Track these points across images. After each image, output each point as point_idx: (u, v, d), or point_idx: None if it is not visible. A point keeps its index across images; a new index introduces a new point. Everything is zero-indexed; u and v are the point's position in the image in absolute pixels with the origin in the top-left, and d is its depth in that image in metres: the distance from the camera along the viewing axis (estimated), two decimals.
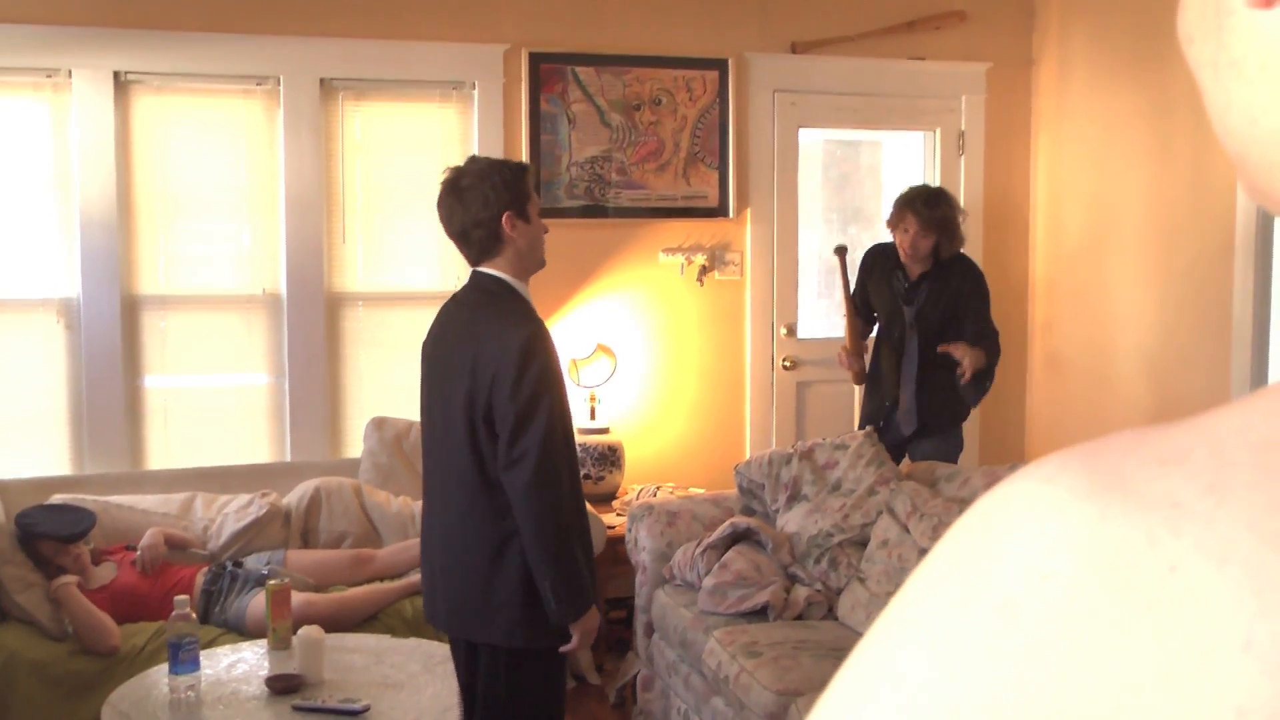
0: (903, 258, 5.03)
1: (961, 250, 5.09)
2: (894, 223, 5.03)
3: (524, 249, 3.24)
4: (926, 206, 4.93)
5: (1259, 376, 4.86)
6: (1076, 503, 0.46)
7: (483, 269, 3.26)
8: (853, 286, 5.25)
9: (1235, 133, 0.56)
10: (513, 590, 3.14)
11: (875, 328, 5.29)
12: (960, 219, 5.04)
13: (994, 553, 0.48)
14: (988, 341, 4.94)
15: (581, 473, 5.41)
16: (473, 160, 3.29)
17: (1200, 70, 0.57)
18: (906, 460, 5.03)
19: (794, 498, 4.67)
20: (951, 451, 5.13)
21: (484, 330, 3.16)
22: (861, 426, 5.21)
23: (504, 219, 3.17)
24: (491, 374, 3.08)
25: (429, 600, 3.42)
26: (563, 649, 3.17)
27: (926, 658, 0.48)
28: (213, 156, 5.38)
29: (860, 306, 5.24)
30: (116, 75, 5.18)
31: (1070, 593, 0.45)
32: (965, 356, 4.81)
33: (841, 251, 5.20)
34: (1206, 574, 0.43)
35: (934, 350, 4.96)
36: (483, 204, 3.16)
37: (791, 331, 6.04)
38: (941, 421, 5.11)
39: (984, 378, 4.93)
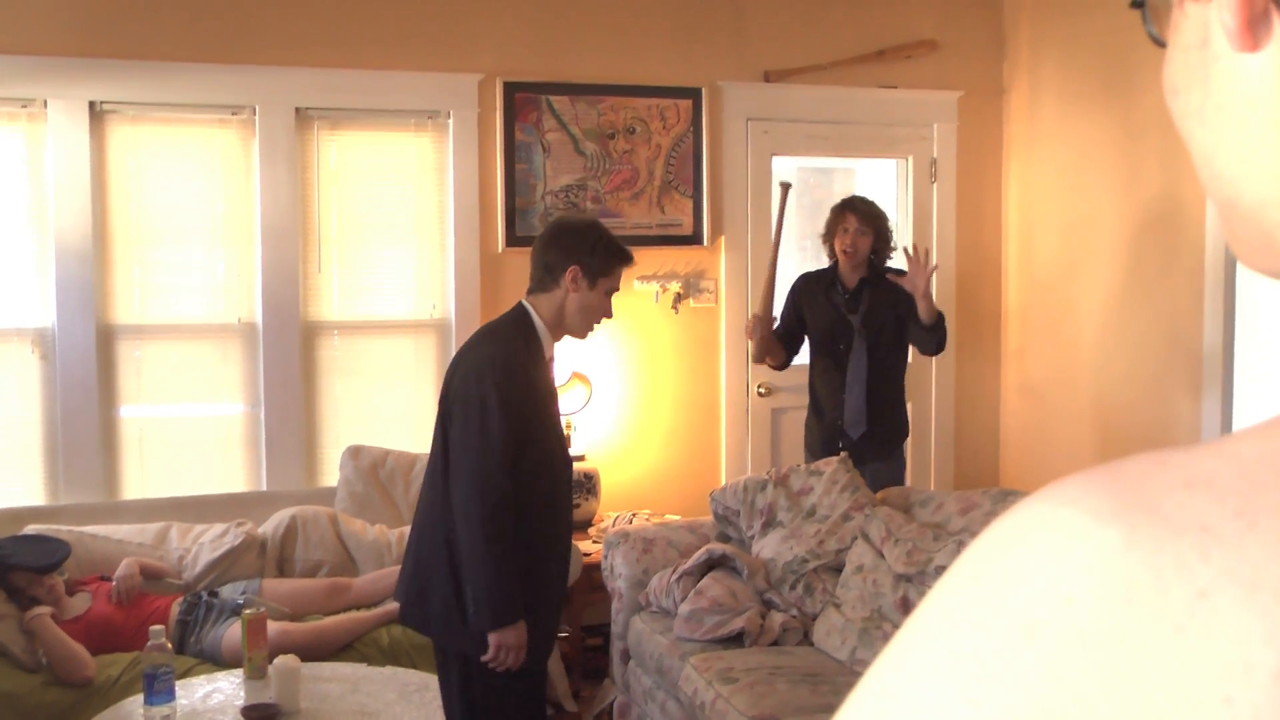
0: (842, 261, 5.08)
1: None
2: (832, 225, 5.11)
3: (569, 307, 3.37)
4: (864, 204, 5.08)
5: (1228, 401, 4.91)
6: (1101, 525, 0.46)
7: (525, 301, 3.40)
8: (781, 275, 5.23)
9: (1225, 177, 0.56)
10: (442, 583, 3.26)
11: (791, 358, 5.29)
12: (892, 227, 5.17)
13: (1016, 575, 0.47)
14: (938, 320, 4.93)
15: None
16: (593, 218, 3.51)
17: (1186, 120, 0.57)
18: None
19: (769, 524, 4.69)
20: (897, 472, 5.14)
21: (469, 349, 3.35)
22: (810, 459, 5.19)
23: (570, 270, 3.32)
24: (459, 384, 3.26)
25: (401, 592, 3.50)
26: (483, 658, 3.21)
27: (945, 681, 0.47)
28: (188, 186, 5.38)
29: (785, 336, 5.22)
30: (92, 105, 5.18)
31: (1095, 617, 0.44)
32: (924, 270, 4.83)
33: (786, 187, 5.26)
34: (1237, 600, 0.42)
35: (881, 354, 5.05)
36: (564, 250, 3.33)
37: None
38: (886, 434, 5.11)
39: (929, 331, 4.88)
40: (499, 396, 3.18)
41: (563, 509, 3.44)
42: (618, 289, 3.46)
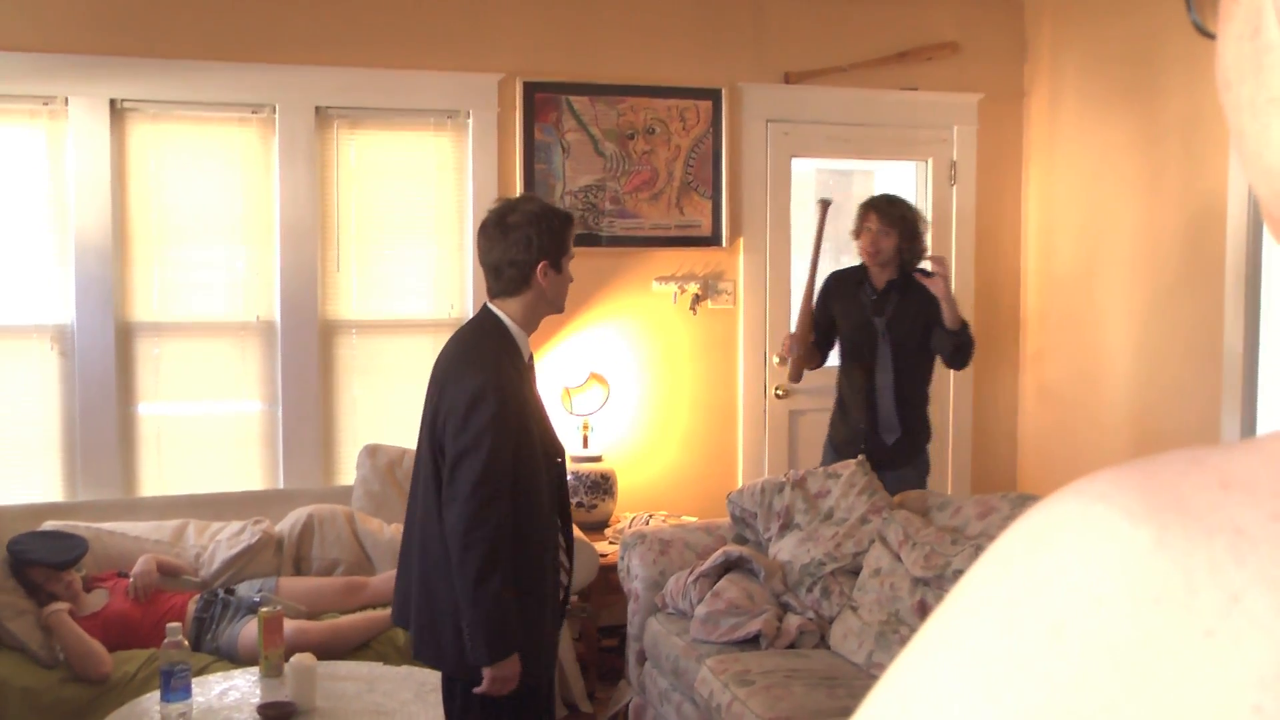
0: (866, 261, 5.03)
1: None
2: (857, 226, 5.06)
3: (547, 297, 3.30)
4: (888, 204, 5.02)
5: (1249, 405, 4.87)
6: (1132, 524, 0.45)
7: (492, 305, 3.32)
8: (818, 287, 5.16)
9: (1274, 170, 0.54)
10: (452, 616, 3.18)
11: (825, 358, 5.24)
12: (922, 227, 5.08)
13: (1043, 573, 0.46)
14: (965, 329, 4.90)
15: (574, 501, 5.44)
16: (525, 199, 3.38)
17: (1238, 113, 0.56)
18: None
19: (786, 526, 4.68)
20: (920, 478, 5.07)
21: (455, 368, 3.24)
22: (831, 456, 5.17)
23: (539, 266, 3.24)
24: (446, 413, 3.17)
25: (401, 605, 3.42)
26: (475, 690, 3.17)
27: (969, 679, 0.46)
28: (208, 184, 5.40)
29: (819, 336, 5.17)
30: (113, 103, 5.20)
31: (1124, 618, 0.43)
32: (942, 277, 4.80)
33: (825, 205, 5.15)
34: (1270, 606, 0.41)
35: (908, 359, 4.98)
36: (524, 246, 3.23)
37: (784, 360, 6.04)
38: (910, 440, 5.05)
39: (954, 337, 4.84)
40: (494, 429, 3.10)
41: (549, 512, 3.35)
42: (574, 253, 3.38)
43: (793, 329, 5.14)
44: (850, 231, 5.16)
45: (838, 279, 5.22)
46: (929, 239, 5.11)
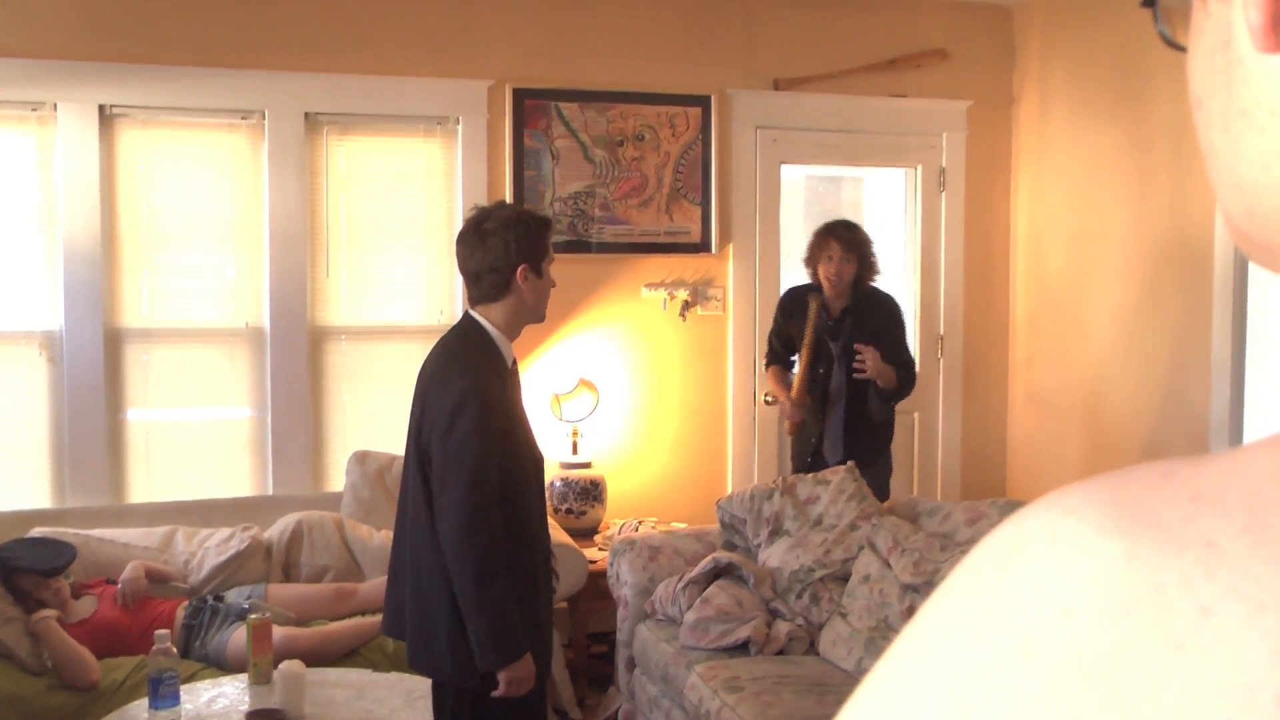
0: (827, 290, 5.09)
1: (877, 284, 5.21)
2: (815, 253, 5.11)
3: (528, 302, 3.31)
4: (847, 231, 5.08)
5: (1237, 411, 4.89)
6: (1103, 538, 0.45)
7: (474, 312, 3.32)
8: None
9: (1246, 184, 0.54)
10: (447, 624, 3.17)
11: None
12: (874, 249, 5.15)
13: (1015, 586, 0.46)
14: (902, 370, 5.02)
15: (564, 508, 5.45)
16: (500, 205, 3.38)
17: (1209, 129, 0.55)
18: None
19: (776, 533, 4.68)
20: (883, 478, 5.11)
21: (438, 376, 3.25)
22: (794, 468, 5.26)
23: (519, 270, 3.24)
24: (431, 421, 3.18)
25: (392, 616, 3.41)
26: (493, 694, 3.15)
27: (941, 691, 0.46)
28: (197, 190, 5.39)
29: (781, 352, 5.29)
30: (102, 109, 5.19)
31: (1095, 631, 0.43)
32: (870, 360, 4.88)
33: (818, 302, 5.17)
34: (1241, 620, 0.41)
35: (860, 383, 5.03)
36: (502, 250, 3.23)
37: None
38: (871, 451, 5.09)
39: (890, 396, 4.99)
40: (479, 434, 3.10)
41: (539, 517, 3.36)
42: (554, 257, 3.40)
43: (791, 392, 5.16)
44: (803, 259, 5.21)
45: (795, 296, 5.28)
46: (882, 261, 5.22)
